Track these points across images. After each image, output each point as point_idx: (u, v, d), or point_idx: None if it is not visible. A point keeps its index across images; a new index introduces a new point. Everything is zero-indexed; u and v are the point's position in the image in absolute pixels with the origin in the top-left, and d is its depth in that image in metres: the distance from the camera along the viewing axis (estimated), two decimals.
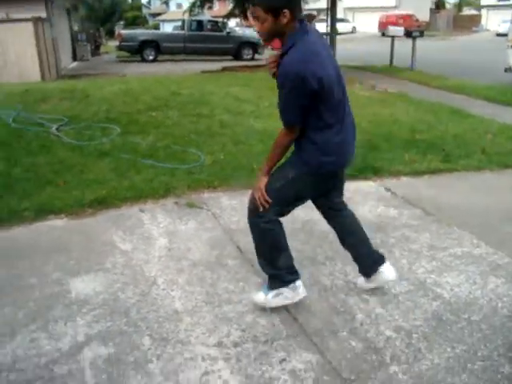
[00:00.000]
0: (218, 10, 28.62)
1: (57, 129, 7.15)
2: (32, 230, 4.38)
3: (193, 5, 18.47)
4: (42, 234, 4.28)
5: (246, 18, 16.83)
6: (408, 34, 15.85)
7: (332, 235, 4.07)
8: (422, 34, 16.12)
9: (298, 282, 3.03)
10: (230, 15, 18.23)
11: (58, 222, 4.48)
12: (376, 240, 4.01)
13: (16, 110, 8.13)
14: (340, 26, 36.59)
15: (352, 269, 3.56)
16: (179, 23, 24.51)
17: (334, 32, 16.59)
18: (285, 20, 2.55)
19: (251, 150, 6.20)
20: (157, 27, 51.38)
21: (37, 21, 14.66)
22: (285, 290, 3.00)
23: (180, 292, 3.32)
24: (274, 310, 3.09)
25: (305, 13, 16.86)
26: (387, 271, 3.16)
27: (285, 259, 3.00)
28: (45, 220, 4.52)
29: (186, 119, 7.65)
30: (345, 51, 18.84)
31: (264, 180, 2.89)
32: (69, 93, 9.52)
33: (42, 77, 14.75)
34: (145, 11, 74.55)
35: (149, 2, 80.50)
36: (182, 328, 2.95)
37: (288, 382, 2.52)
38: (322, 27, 38.78)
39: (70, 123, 7.52)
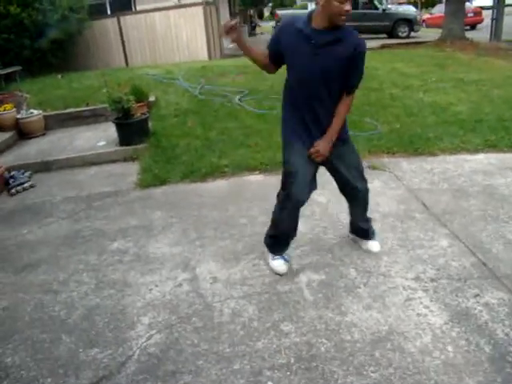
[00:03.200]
0: None
1: (239, 99, 7.89)
2: (232, 182, 5.10)
3: None
4: (243, 186, 4.95)
5: None
6: None
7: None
8: None
9: None
10: None
11: (254, 177, 5.13)
12: None
13: (200, 84, 9.04)
14: None
15: None
16: None
17: (501, 3, 15.72)
18: None
19: (425, 121, 6.42)
20: (305, 7, 51.70)
21: (206, 5, 15.76)
22: None
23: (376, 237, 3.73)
24: (464, 255, 3.40)
25: None
26: None
27: None
28: (242, 175, 5.20)
29: (357, 92, 7.96)
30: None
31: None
32: (243, 68, 10.26)
33: (209, 56, 15.85)
34: None
35: None
36: (382, 264, 3.38)
37: (483, 311, 2.85)
38: (480, 0, 36.31)
39: (249, 95, 8.24)
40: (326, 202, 4.36)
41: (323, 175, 3.30)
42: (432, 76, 9.08)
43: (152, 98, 7.80)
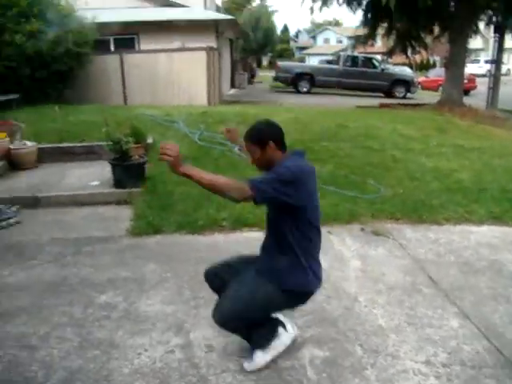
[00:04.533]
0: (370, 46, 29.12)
1: (239, 149, 7.73)
2: (231, 238, 4.89)
3: (357, 40, 19.09)
4: (241, 243, 4.71)
5: (406, 55, 17.14)
6: None
7: None
8: None
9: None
10: (391, 52, 18.41)
11: (253, 234, 4.90)
12: None
13: (200, 130, 8.92)
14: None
15: None
16: (325, 57, 25.21)
17: (497, 73, 16.08)
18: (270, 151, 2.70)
19: (428, 186, 6.31)
20: (303, 60, 53.01)
21: (209, 50, 15.87)
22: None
23: (382, 311, 3.54)
24: (476, 338, 3.20)
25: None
26: None
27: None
28: (240, 231, 4.99)
29: (357, 151, 7.90)
30: (501, 94, 17.96)
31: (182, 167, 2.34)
32: (241, 117, 10.17)
33: (208, 101, 15.84)
34: (292, 44, 77.37)
35: (296, 36, 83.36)
36: (389, 343, 3.16)
37: None
38: (473, 68, 37.26)
39: None
40: (327, 268, 4.15)
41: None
42: (433, 140, 9.06)
43: (150, 140, 7.64)
